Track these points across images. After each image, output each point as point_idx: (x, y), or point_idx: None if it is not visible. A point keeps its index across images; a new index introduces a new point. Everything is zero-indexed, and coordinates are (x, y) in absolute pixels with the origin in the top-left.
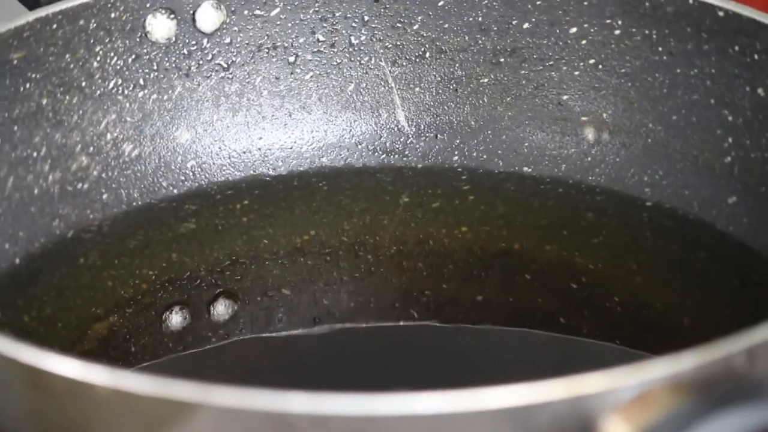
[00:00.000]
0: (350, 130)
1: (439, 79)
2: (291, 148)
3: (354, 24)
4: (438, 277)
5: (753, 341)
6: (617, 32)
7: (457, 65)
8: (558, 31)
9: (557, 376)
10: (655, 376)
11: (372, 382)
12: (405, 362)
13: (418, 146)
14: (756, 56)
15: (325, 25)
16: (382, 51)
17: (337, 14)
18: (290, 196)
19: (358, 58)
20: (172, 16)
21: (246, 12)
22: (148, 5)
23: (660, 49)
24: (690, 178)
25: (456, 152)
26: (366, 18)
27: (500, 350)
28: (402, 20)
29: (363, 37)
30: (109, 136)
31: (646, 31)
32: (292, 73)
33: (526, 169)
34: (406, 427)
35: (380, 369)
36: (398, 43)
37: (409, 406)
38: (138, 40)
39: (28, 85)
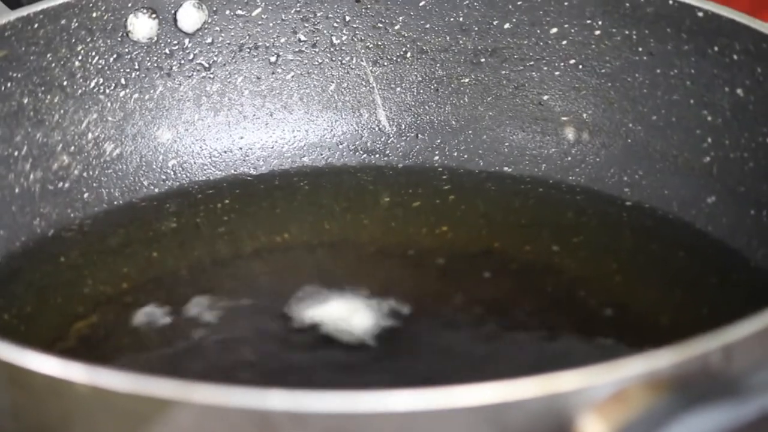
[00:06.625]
0: (331, 130)
1: (420, 79)
2: (272, 147)
3: (335, 24)
4: (418, 277)
5: (729, 339)
6: (597, 32)
7: (438, 65)
8: (538, 31)
9: (534, 375)
10: (632, 374)
11: (350, 381)
12: (383, 360)
13: (398, 146)
14: (735, 57)
15: (306, 25)
16: (363, 51)
17: (318, 14)
18: (271, 196)
19: (340, 58)
20: (154, 15)
21: (227, 12)
22: (129, 5)
23: (640, 49)
24: (669, 178)
25: (437, 152)
26: (347, 18)
27: (479, 349)
28: (383, 20)
29: (344, 37)
30: (90, 135)
31: (626, 32)
32: (273, 73)
33: (506, 168)
34: (383, 424)
35: (359, 367)
36: (379, 43)
37: (387, 403)
38: (119, 39)
39: (9, 84)
